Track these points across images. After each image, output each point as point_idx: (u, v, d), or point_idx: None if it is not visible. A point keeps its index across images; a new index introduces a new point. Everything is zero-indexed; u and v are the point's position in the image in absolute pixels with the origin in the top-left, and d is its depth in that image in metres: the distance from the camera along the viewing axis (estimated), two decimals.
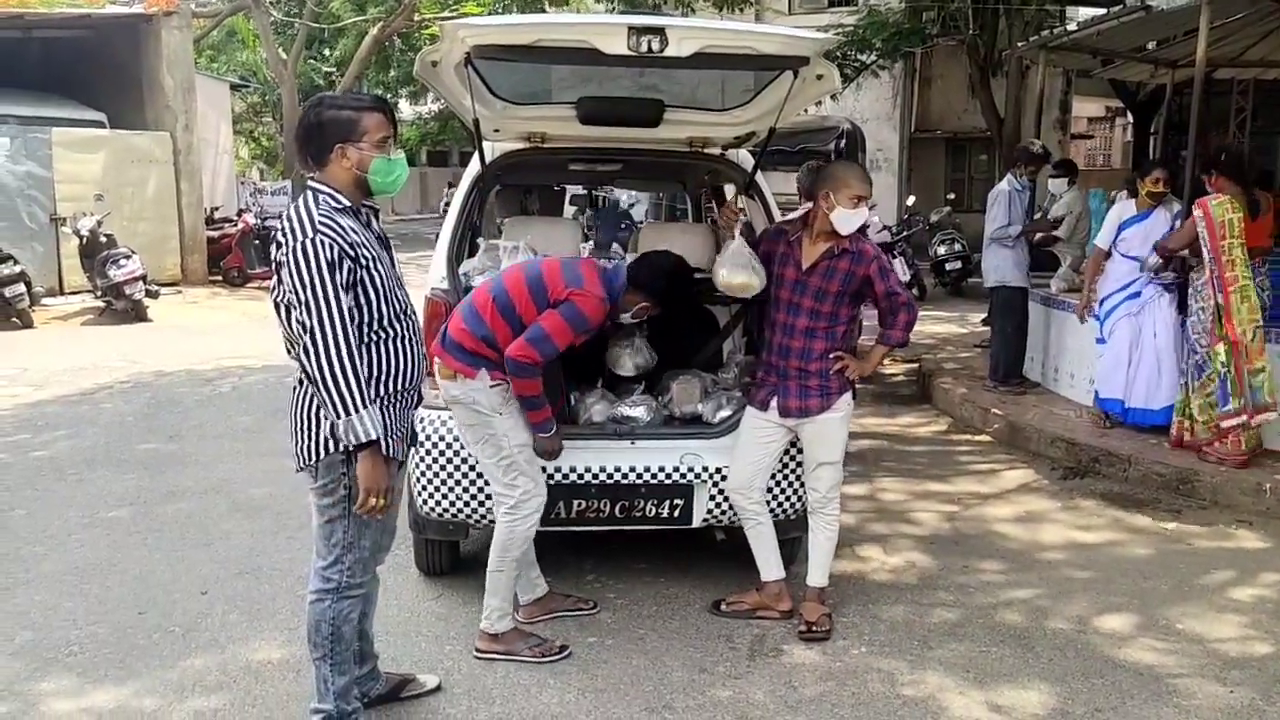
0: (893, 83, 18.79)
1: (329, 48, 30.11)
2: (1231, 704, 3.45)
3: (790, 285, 3.87)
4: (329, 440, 2.89)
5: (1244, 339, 5.71)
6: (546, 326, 3.60)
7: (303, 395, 2.94)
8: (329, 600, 3.02)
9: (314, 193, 2.90)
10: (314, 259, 2.75)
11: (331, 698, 3.05)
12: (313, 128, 2.92)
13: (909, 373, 9.23)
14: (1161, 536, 5.11)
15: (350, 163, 2.90)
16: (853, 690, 3.52)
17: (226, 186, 20.78)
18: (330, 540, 3.00)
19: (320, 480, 2.96)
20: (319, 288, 2.75)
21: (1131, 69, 12.44)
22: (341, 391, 2.76)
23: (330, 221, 2.81)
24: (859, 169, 3.97)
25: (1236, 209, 5.79)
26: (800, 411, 3.87)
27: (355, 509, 2.93)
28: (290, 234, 2.80)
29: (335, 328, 2.76)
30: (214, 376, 9.05)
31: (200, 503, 5.48)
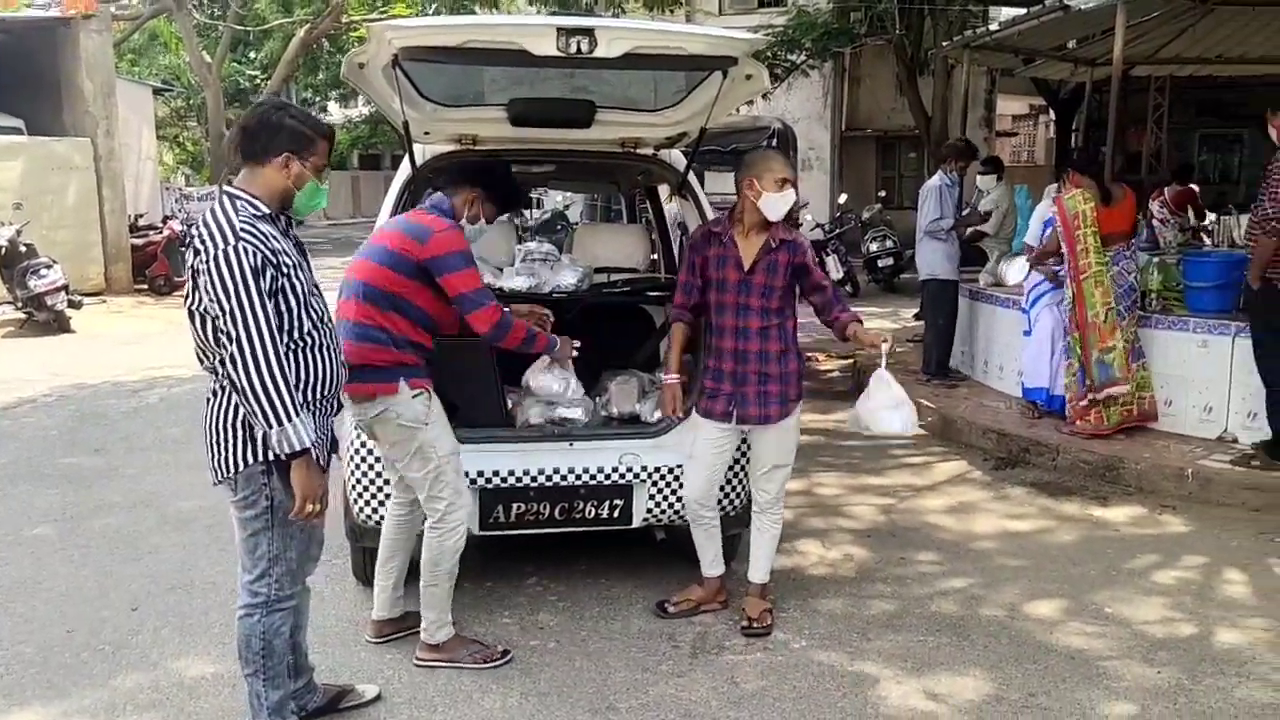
0: (823, 82, 19.00)
1: (254, 50, 29.59)
2: (1159, 684, 3.55)
3: (735, 288, 3.81)
4: (247, 452, 2.84)
5: (1096, 320, 6.15)
6: (463, 287, 3.52)
7: (218, 407, 2.88)
8: (258, 615, 2.97)
9: (231, 198, 2.84)
10: (236, 267, 2.70)
11: (265, 713, 3.00)
12: (272, 126, 2.88)
13: (844, 369, 9.34)
14: (1089, 523, 5.24)
15: (290, 174, 2.89)
16: (793, 684, 3.56)
17: (151, 193, 20.27)
18: (255, 554, 2.95)
19: (240, 493, 2.90)
20: (243, 296, 2.70)
21: (1052, 67, 12.76)
22: (272, 401, 2.72)
23: (251, 228, 2.77)
24: (778, 153, 3.93)
25: (1088, 200, 6.22)
26: (761, 419, 3.85)
27: (292, 516, 2.88)
28: (210, 241, 2.73)
29: (262, 336, 2.71)
30: (140, 387, 8.83)
31: (128, 517, 5.35)
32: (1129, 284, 6.28)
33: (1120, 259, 6.29)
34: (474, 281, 3.56)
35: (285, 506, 2.91)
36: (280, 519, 2.92)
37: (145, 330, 12.47)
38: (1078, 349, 6.25)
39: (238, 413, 2.84)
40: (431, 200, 3.74)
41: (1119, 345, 6.17)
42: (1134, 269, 6.36)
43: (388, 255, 3.54)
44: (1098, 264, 6.18)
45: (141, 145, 19.84)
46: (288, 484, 2.89)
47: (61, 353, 10.73)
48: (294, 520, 2.92)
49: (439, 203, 3.71)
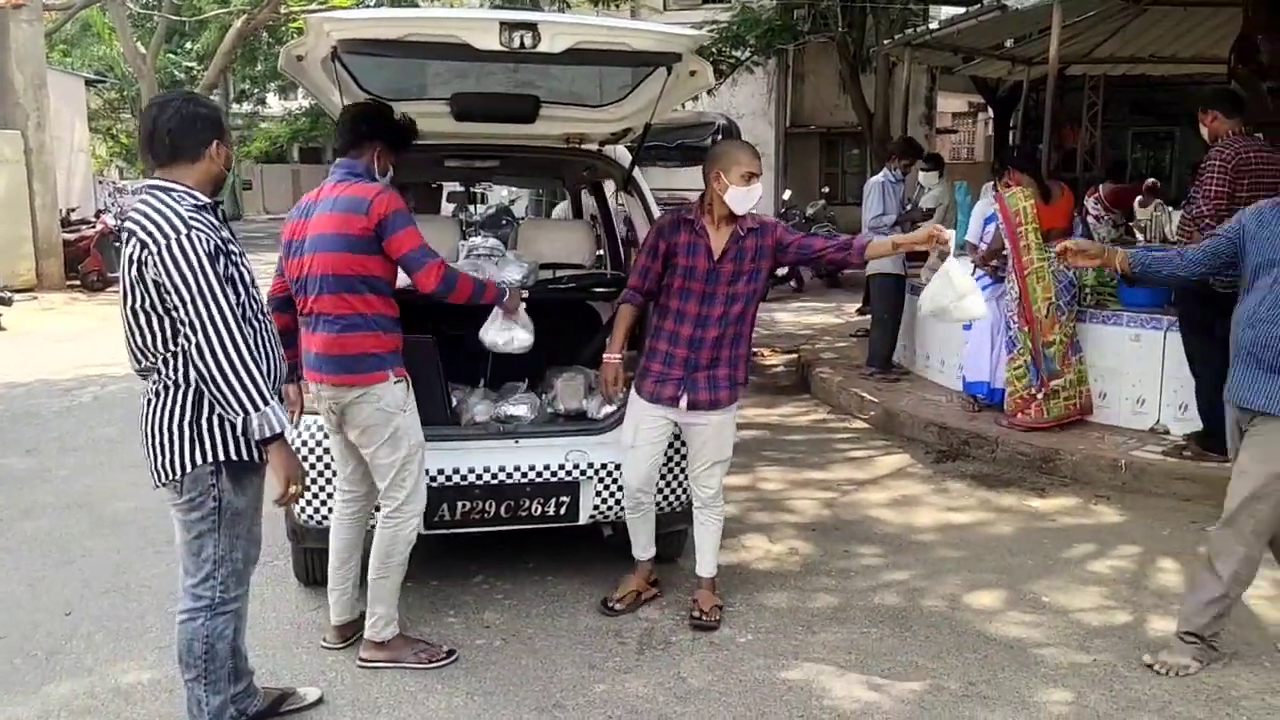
0: (767, 79, 19.14)
1: (191, 41, 28.98)
2: (1094, 671, 3.63)
3: (703, 276, 3.78)
4: (195, 453, 2.80)
5: (1039, 315, 6.29)
6: (407, 246, 3.39)
7: (162, 408, 2.83)
8: (202, 618, 2.91)
9: (165, 190, 2.79)
10: (193, 253, 2.67)
11: (206, 717, 2.95)
12: (193, 119, 2.84)
13: (788, 363, 9.41)
14: (1027, 514, 5.34)
15: (220, 159, 2.89)
16: (739, 678, 3.58)
17: (83, 186, 19.79)
18: (200, 556, 2.90)
19: (187, 495, 2.85)
20: (204, 282, 2.67)
21: (990, 66, 12.98)
22: (246, 386, 2.71)
23: (199, 217, 2.75)
24: (748, 146, 3.87)
25: (1029, 197, 6.37)
26: (710, 404, 3.85)
27: (275, 499, 2.89)
28: (159, 232, 2.68)
29: (228, 322, 2.69)
30: (73, 386, 8.61)
31: (61, 519, 5.22)
32: (1068, 279, 6.39)
33: None
34: (416, 239, 3.43)
35: (233, 507, 2.88)
36: (227, 520, 2.88)
37: (78, 327, 12.18)
38: (1028, 343, 6.32)
39: (185, 413, 2.80)
40: (344, 169, 3.52)
41: (1058, 339, 6.30)
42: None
43: (340, 241, 3.38)
44: (1039, 260, 6.29)
45: (74, 138, 19.36)
46: (236, 484, 2.87)
47: None
48: (242, 520, 2.90)
49: (351, 168, 3.52)
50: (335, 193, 3.45)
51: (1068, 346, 6.34)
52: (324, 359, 3.43)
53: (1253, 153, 5.38)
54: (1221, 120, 5.50)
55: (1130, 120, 17.69)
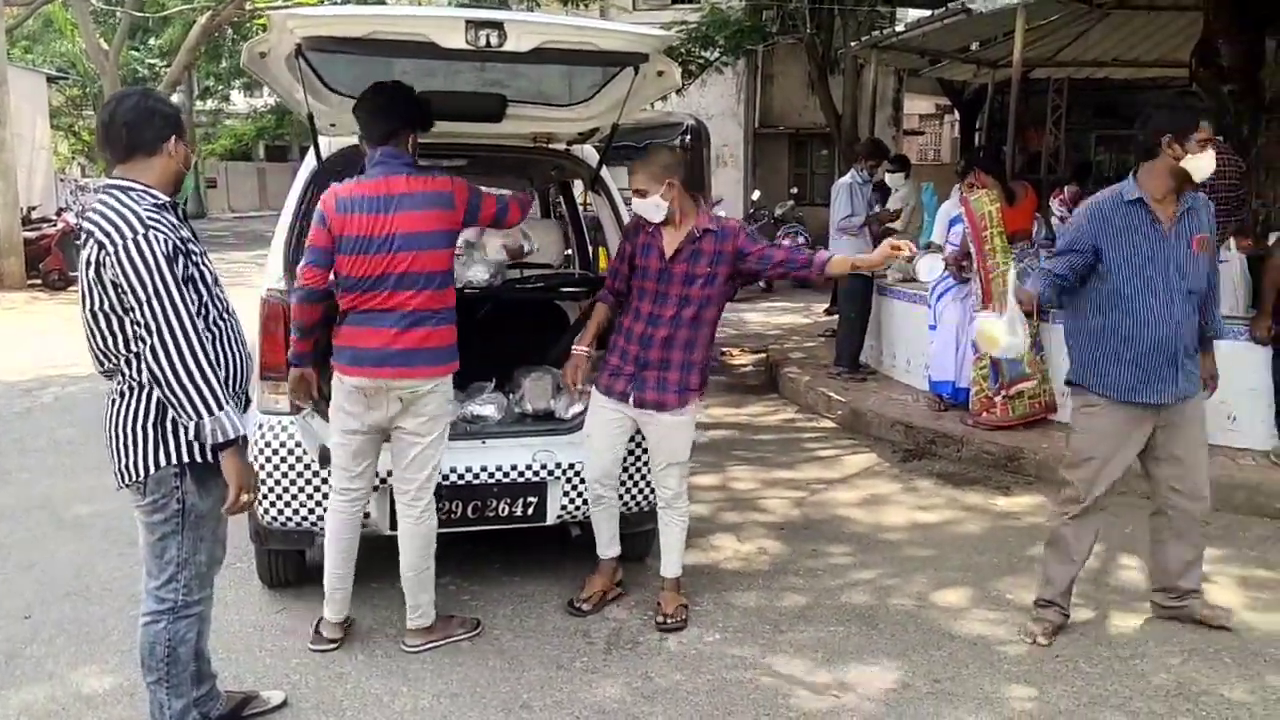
0: (736, 79, 19.17)
1: (154, 37, 28.65)
2: (1057, 668, 3.67)
3: (655, 275, 3.82)
4: (159, 454, 2.77)
5: None
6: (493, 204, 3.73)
7: (125, 409, 2.79)
8: (165, 621, 2.88)
9: (123, 190, 2.75)
10: (150, 255, 2.63)
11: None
12: (148, 114, 2.80)
13: (756, 363, 9.43)
14: (992, 513, 5.39)
15: (179, 156, 2.85)
16: (707, 677, 3.58)
17: (45, 184, 19.54)
18: (164, 558, 2.86)
19: (150, 496, 2.82)
20: (160, 284, 2.64)
21: (956, 68, 13.09)
22: (201, 390, 2.67)
23: (158, 217, 2.71)
24: (643, 161, 3.85)
25: (994, 200, 6.46)
26: (656, 405, 3.86)
27: (226, 509, 2.83)
28: (116, 233, 2.64)
29: (184, 324, 2.66)
30: (34, 386, 8.47)
31: (21, 522, 5.13)
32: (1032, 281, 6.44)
33: (1024, 256, 6.47)
34: (493, 198, 3.75)
35: (197, 509, 2.85)
36: (191, 522, 2.85)
37: (39, 327, 11.99)
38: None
39: (149, 414, 2.77)
40: (395, 159, 3.55)
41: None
42: (1035, 266, 6.52)
43: (440, 238, 3.56)
44: (1004, 263, 6.33)
45: (35, 135, 19.11)
46: (200, 486, 2.84)
47: None
48: (207, 522, 2.86)
49: (401, 158, 3.57)
50: (415, 188, 3.53)
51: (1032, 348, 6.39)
52: (405, 353, 3.50)
53: None
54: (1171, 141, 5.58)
55: (1094, 123, 17.88)
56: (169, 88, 22.88)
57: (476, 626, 3.87)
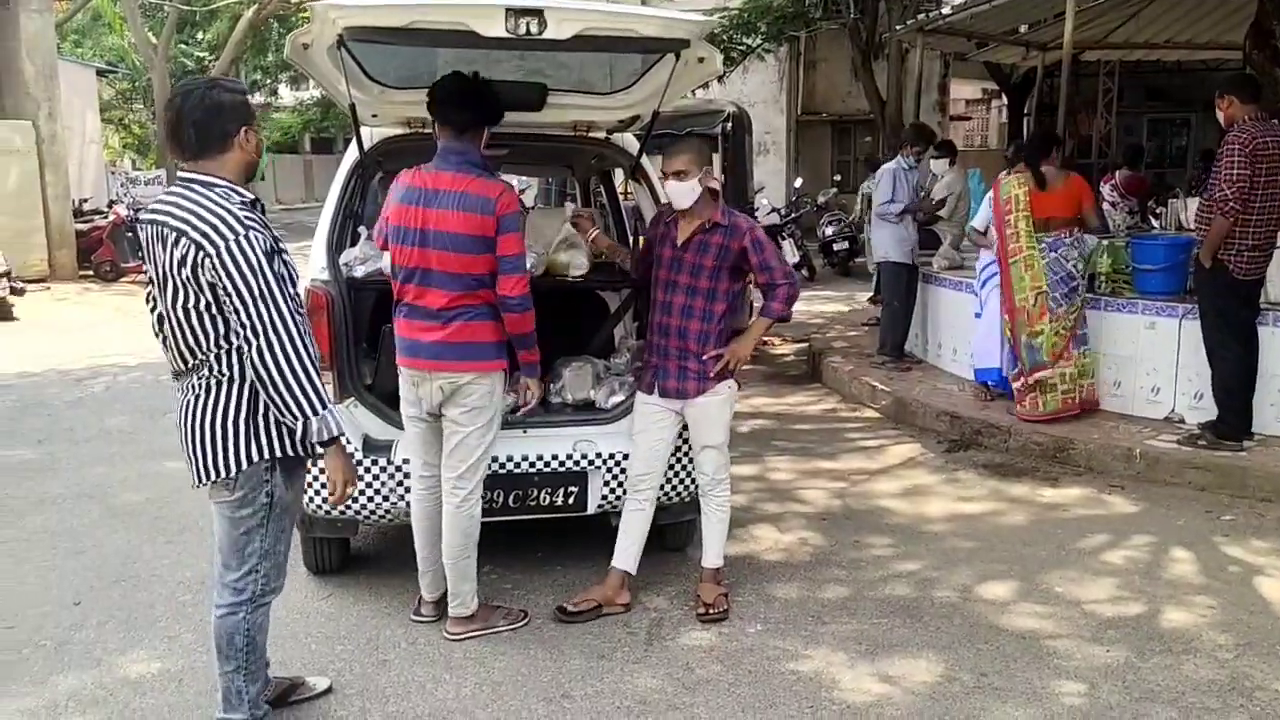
0: (778, 66, 19.04)
1: (202, 31, 28.99)
2: (1108, 662, 3.60)
3: (667, 264, 3.88)
4: (251, 449, 2.77)
5: (1025, 304, 6.24)
6: (516, 249, 3.57)
7: (213, 404, 2.76)
8: (243, 611, 2.90)
9: (207, 185, 2.71)
10: (253, 256, 2.62)
11: (246, 707, 2.95)
12: (215, 110, 2.73)
13: (798, 352, 9.38)
14: (1040, 504, 5.30)
15: (250, 146, 2.80)
16: (749, 669, 3.56)
17: (95, 177, 19.87)
18: (245, 550, 2.87)
19: (239, 491, 2.81)
20: (264, 285, 2.63)
21: (1004, 52, 12.88)
22: (307, 391, 2.68)
23: (253, 216, 2.70)
24: (682, 145, 3.91)
25: (1022, 184, 6.31)
26: (677, 393, 3.87)
27: (332, 502, 2.93)
28: (215, 234, 2.61)
29: (289, 324, 2.67)
30: (85, 376, 8.64)
31: (71, 510, 5.23)
32: (1066, 271, 6.24)
33: (1059, 245, 6.26)
34: (521, 246, 3.63)
35: (283, 501, 2.88)
36: (276, 515, 2.87)
37: (90, 318, 12.23)
38: (1008, 332, 6.36)
39: (240, 409, 2.76)
40: (459, 157, 3.57)
41: (1046, 330, 6.22)
42: (1074, 256, 6.28)
43: (471, 242, 3.50)
44: (1028, 248, 6.23)
45: (85, 128, 19.43)
46: (287, 479, 2.87)
47: (3, 341, 10.47)
48: (289, 512, 2.92)
49: (468, 155, 3.58)
50: (458, 186, 3.52)
51: (1067, 339, 6.24)
52: (447, 346, 3.54)
53: (1269, 137, 5.32)
54: (1237, 105, 5.44)
55: (1146, 106, 17.54)
56: None
57: (523, 618, 3.88)
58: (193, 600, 4.10)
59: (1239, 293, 5.56)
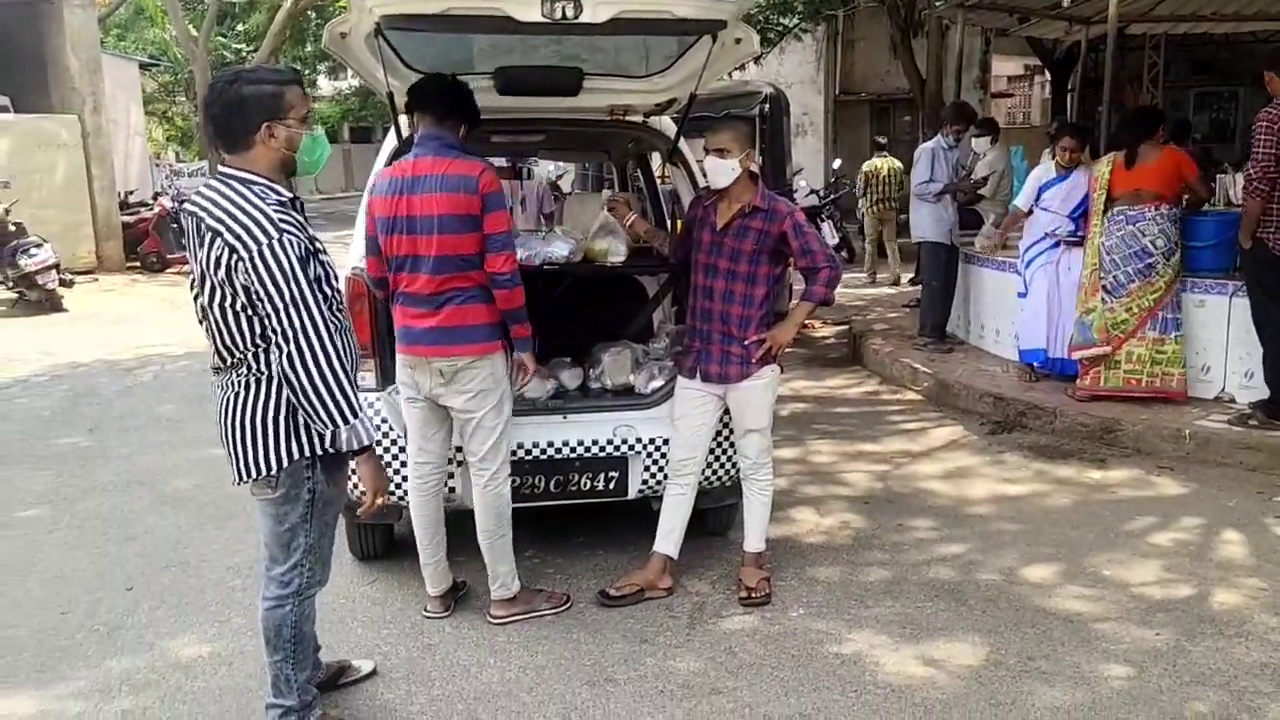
0: (815, 46, 18.84)
1: (241, 22, 29.24)
2: (1156, 645, 3.55)
3: (707, 248, 3.86)
4: (292, 446, 2.74)
5: (1084, 280, 6.26)
6: (501, 226, 3.54)
7: (252, 402, 2.73)
8: (290, 604, 2.93)
9: (245, 184, 2.66)
10: (286, 262, 2.57)
11: (295, 694, 2.99)
12: (234, 105, 2.65)
13: (839, 334, 9.31)
14: (1086, 486, 5.23)
15: (279, 142, 2.69)
16: (792, 652, 3.55)
17: (140, 169, 20.17)
18: (290, 546, 2.88)
19: (281, 489, 2.80)
20: (296, 291, 2.58)
21: (1047, 26, 12.63)
22: (336, 398, 2.64)
23: (288, 217, 2.63)
24: (727, 122, 3.91)
25: (1110, 163, 6.23)
26: (720, 377, 3.86)
27: (361, 513, 2.90)
28: (249, 236, 2.56)
29: (320, 331, 2.62)
30: (134, 366, 8.79)
31: (122, 497, 5.33)
32: (1140, 246, 6.04)
33: (1138, 219, 6.06)
34: (508, 223, 3.60)
35: (325, 496, 2.86)
36: (319, 510, 2.86)
37: (138, 308, 12.43)
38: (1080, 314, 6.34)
39: (279, 407, 2.72)
40: (437, 141, 3.59)
41: (1098, 308, 6.15)
42: (1153, 231, 6.04)
43: (459, 222, 3.49)
44: (1096, 226, 6.19)
45: (130, 121, 19.72)
46: (329, 476, 2.85)
47: (53, 332, 10.69)
48: (331, 507, 2.91)
49: (444, 139, 3.60)
50: (439, 169, 3.52)
51: (1141, 318, 6.08)
52: (442, 331, 3.55)
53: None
54: (1277, 81, 5.33)
55: (1192, 80, 17.15)
56: None
57: (565, 602, 3.89)
58: (242, 585, 4.17)
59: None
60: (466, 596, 3.97)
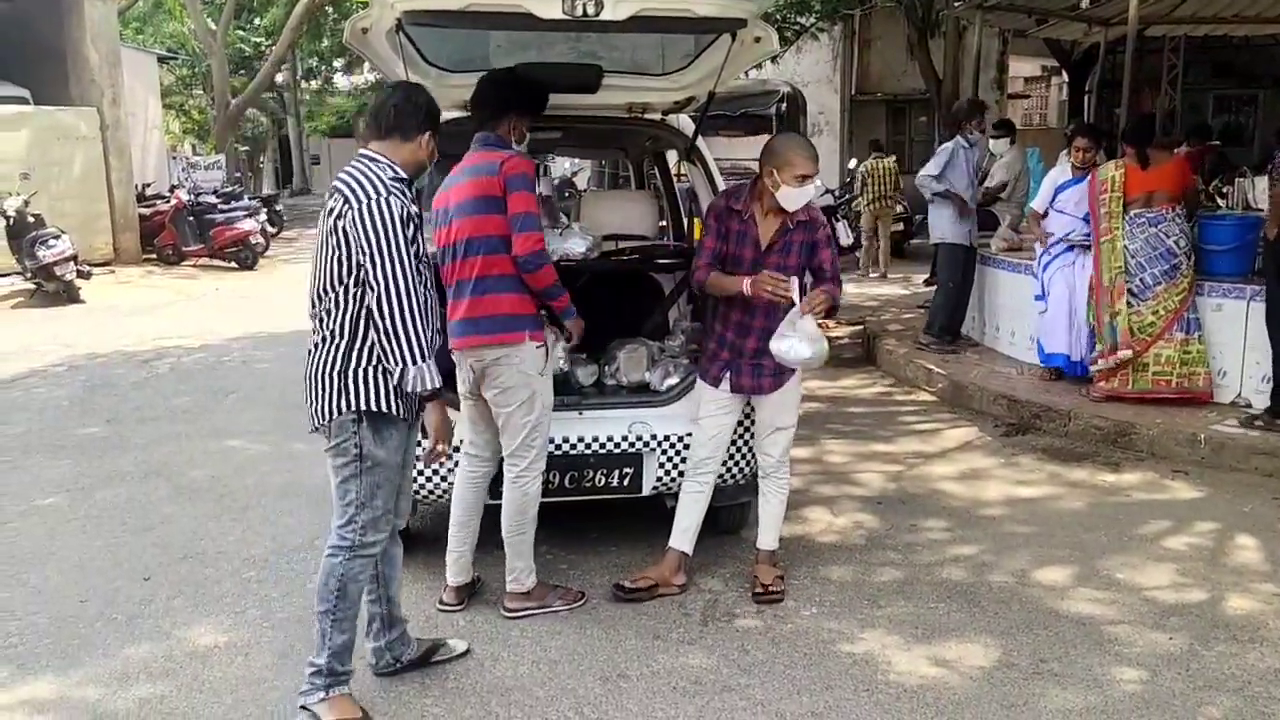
0: (832, 45, 18.80)
1: (258, 16, 29.37)
2: (1170, 650, 3.55)
3: (749, 265, 3.76)
4: (341, 401, 2.98)
5: (1106, 284, 6.19)
6: (524, 206, 3.56)
7: (320, 357, 3.01)
8: (341, 557, 3.07)
9: (371, 159, 3.03)
10: (388, 216, 2.90)
11: (327, 653, 3.06)
12: (419, 107, 3.11)
13: (853, 335, 9.30)
14: (1100, 489, 5.22)
15: (426, 149, 3.13)
16: (804, 651, 3.56)
17: (157, 162, 20.28)
18: (345, 500, 3.06)
19: (333, 440, 3.03)
20: (393, 243, 2.90)
21: (1066, 28, 12.58)
22: (411, 341, 2.91)
23: (400, 186, 3.00)
24: (804, 144, 3.80)
25: (1120, 167, 6.22)
26: (753, 390, 3.87)
27: (424, 457, 3.14)
28: (361, 192, 2.93)
29: (407, 280, 2.91)
30: (150, 357, 8.85)
31: (140, 487, 5.37)
32: (1165, 248, 6.07)
33: (1160, 220, 6.11)
34: (532, 204, 3.61)
35: (374, 456, 3.03)
36: (368, 468, 3.03)
37: (154, 300, 12.51)
38: (1090, 312, 6.32)
39: (335, 363, 2.99)
40: (481, 141, 3.70)
41: (1123, 310, 6.13)
42: (1175, 232, 6.09)
43: (479, 203, 3.57)
44: (1115, 229, 6.16)
45: (147, 114, 19.82)
46: (375, 434, 3.02)
47: (71, 323, 10.76)
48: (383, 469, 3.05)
49: (487, 139, 3.70)
50: (472, 161, 3.65)
51: (1169, 319, 6.09)
52: (468, 322, 3.59)
53: None
54: None
55: (1211, 83, 17.05)
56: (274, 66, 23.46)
57: (580, 598, 3.91)
58: (258, 577, 4.20)
59: None
60: (480, 591, 3.99)
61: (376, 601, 3.32)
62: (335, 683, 3.08)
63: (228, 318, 11.00)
